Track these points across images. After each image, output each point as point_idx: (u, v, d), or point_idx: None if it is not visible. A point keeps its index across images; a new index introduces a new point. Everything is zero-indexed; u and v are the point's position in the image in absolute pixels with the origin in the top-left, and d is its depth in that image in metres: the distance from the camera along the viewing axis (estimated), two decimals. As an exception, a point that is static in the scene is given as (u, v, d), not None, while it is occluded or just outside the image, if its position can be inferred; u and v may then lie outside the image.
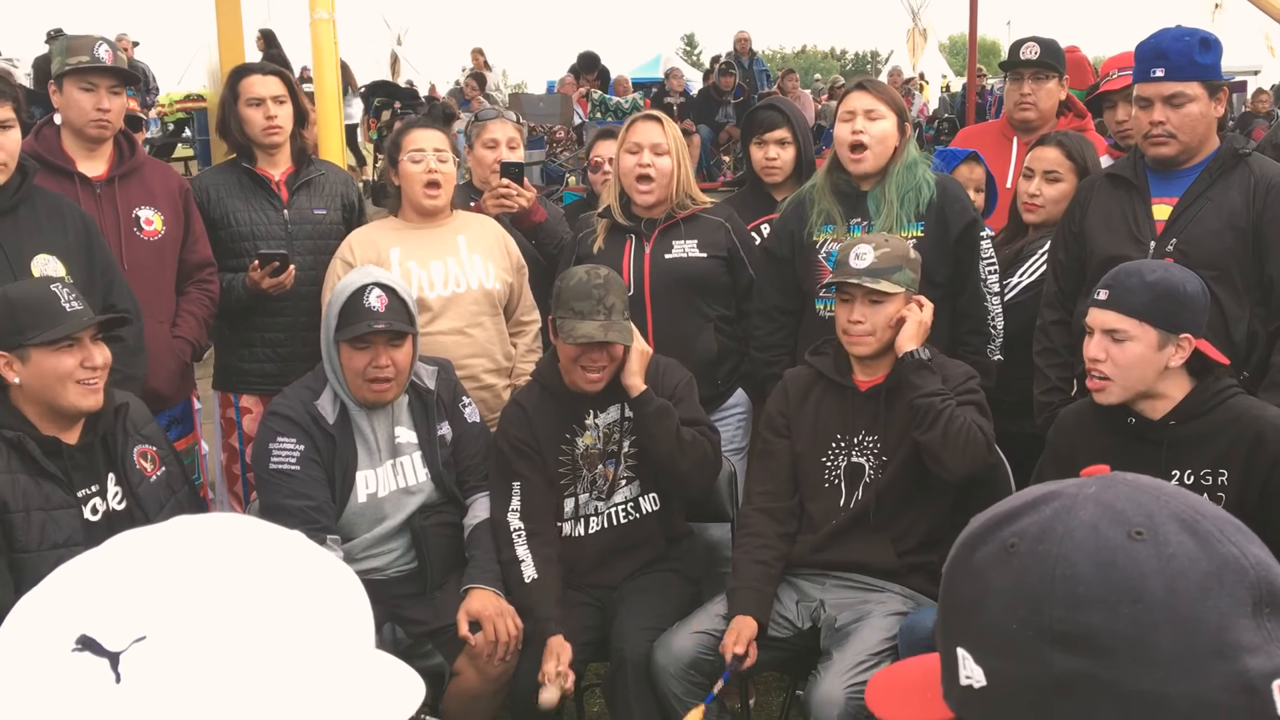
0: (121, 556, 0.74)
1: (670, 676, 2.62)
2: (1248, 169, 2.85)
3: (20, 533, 2.31)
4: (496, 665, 2.71)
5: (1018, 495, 0.80)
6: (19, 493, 2.33)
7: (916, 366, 2.69)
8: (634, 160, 3.25)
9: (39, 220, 2.88)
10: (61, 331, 2.34)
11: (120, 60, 3.25)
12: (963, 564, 0.79)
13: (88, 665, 0.68)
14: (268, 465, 2.75)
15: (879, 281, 2.68)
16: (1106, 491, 0.75)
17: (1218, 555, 0.71)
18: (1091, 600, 0.70)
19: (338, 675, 0.74)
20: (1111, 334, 2.37)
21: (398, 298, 2.77)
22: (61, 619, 0.70)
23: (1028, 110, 3.83)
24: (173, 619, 0.69)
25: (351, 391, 2.79)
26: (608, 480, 2.94)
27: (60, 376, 2.36)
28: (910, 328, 2.72)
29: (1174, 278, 2.37)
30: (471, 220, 3.42)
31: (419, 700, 0.79)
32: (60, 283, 2.43)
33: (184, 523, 0.78)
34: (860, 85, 3.22)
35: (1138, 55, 2.92)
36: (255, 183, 3.50)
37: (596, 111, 12.25)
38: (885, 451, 2.76)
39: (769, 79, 14.56)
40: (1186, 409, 2.40)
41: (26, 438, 2.36)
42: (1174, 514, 0.73)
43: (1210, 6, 17.23)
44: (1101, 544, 0.72)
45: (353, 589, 0.79)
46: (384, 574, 2.86)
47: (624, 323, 2.82)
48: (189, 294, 3.35)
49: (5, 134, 2.79)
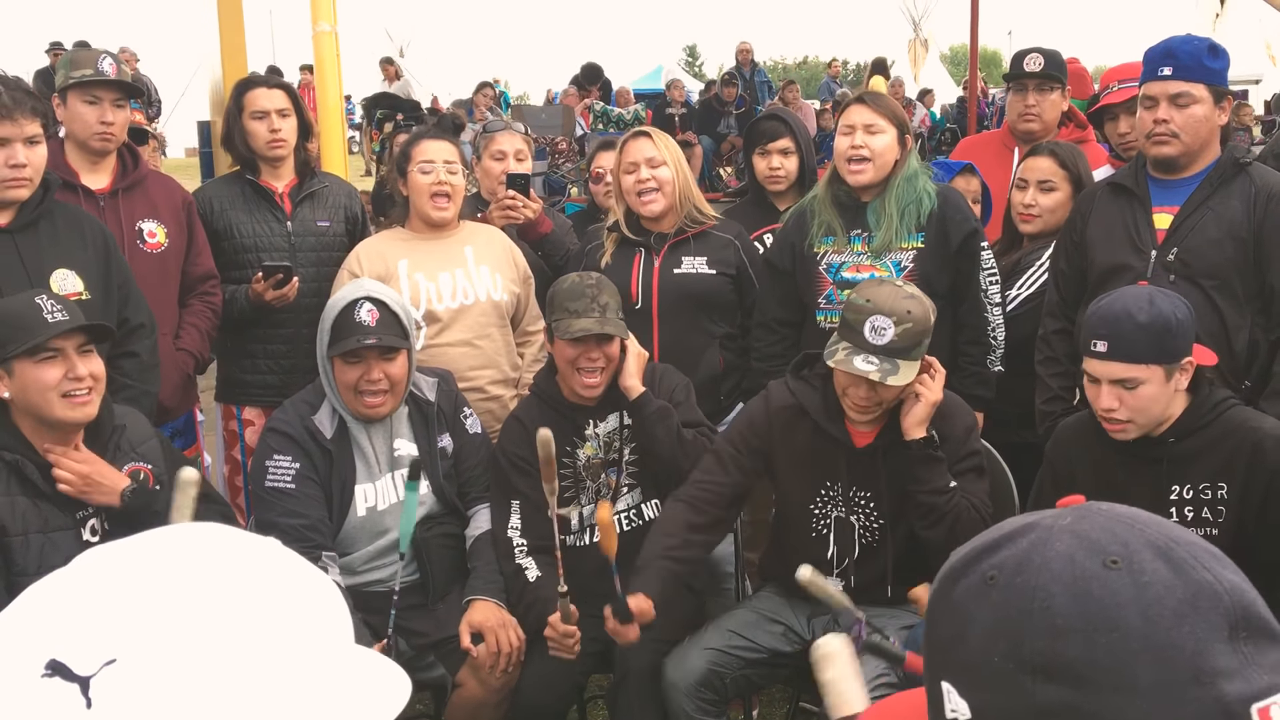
0: (88, 576, 0.72)
1: (681, 694, 2.62)
2: (1248, 179, 2.86)
3: (19, 556, 2.31)
4: (499, 676, 2.71)
5: (996, 528, 0.80)
6: (18, 516, 2.32)
7: (924, 459, 2.55)
8: (632, 179, 3.26)
9: (58, 234, 2.89)
10: (36, 340, 2.31)
11: (124, 74, 3.27)
12: (943, 598, 0.80)
13: (58, 691, 0.66)
14: (264, 482, 2.75)
15: (896, 371, 2.47)
16: (1082, 522, 0.76)
17: (1193, 582, 0.71)
18: (1069, 630, 0.71)
19: (316, 680, 0.73)
20: (1122, 383, 2.34)
21: (389, 311, 2.77)
22: (29, 643, 0.68)
23: (1031, 121, 3.84)
24: (142, 639, 0.68)
25: (346, 405, 2.80)
26: (610, 488, 2.95)
27: (43, 389, 2.33)
28: (921, 411, 2.56)
29: (1163, 311, 2.32)
30: (479, 231, 3.43)
31: (405, 698, 0.78)
32: (45, 294, 2.41)
33: (151, 537, 0.76)
34: (860, 99, 3.21)
35: (1146, 58, 2.92)
36: (259, 195, 3.51)
37: (598, 123, 12.27)
38: (881, 513, 2.67)
39: (771, 90, 14.59)
40: (1185, 425, 2.40)
41: (24, 460, 2.35)
42: (1149, 542, 0.73)
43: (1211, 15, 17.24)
44: (1078, 574, 0.72)
45: (326, 590, 0.78)
46: (386, 586, 2.86)
47: (619, 320, 2.82)
48: (192, 306, 3.36)
49: (33, 150, 2.78)
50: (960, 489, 2.56)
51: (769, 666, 2.75)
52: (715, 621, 2.77)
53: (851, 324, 2.51)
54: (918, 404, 2.56)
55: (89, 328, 2.42)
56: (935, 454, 2.56)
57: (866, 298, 2.51)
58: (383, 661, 0.80)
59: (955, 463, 2.61)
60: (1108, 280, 2.95)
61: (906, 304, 2.48)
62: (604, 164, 4.08)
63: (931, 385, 2.57)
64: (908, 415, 2.57)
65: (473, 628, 2.72)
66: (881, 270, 3.09)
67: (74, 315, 2.39)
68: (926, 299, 2.56)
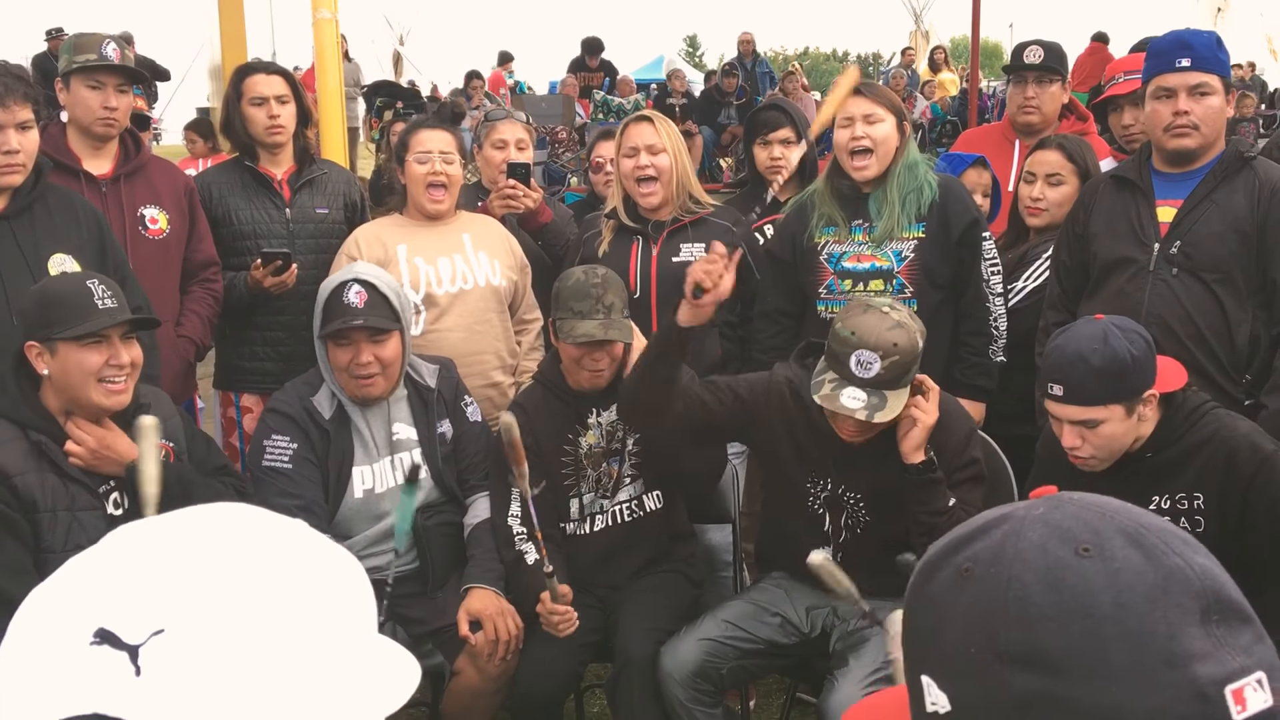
0: (130, 549, 0.75)
1: (676, 684, 2.62)
2: (1253, 172, 2.85)
3: (47, 532, 2.33)
4: (497, 664, 2.71)
5: (970, 521, 0.81)
6: (48, 492, 2.35)
7: (924, 483, 2.54)
8: (632, 163, 3.25)
9: (53, 218, 2.89)
10: (88, 328, 2.34)
11: (128, 59, 3.26)
12: (920, 591, 0.80)
13: (107, 658, 0.69)
14: (261, 462, 2.77)
15: (884, 405, 2.44)
16: (1054, 512, 0.77)
17: (1163, 567, 0.72)
18: (1043, 619, 0.72)
19: (343, 659, 0.76)
20: (1082, 424, 2.33)
21: (378, 293, 2.77)
22: (77, 613, 0.71)
23: (1031, 114, 3.83)
24: (188, 612, 0.71)
25: (341, 387, 2.80)
26: (611, 478, 2.94)
27: (85, 373, 2.36)
28: (918, 435, 2.53)
29: (1117, 351, 2.27)
30: (475, 219, 3.42)
31: (415, 682, 0.80)
32: (97, 279, 2.43)
33: (188, 514, 0.79)
34: (857, 90, 3.20)
35: (1156, 49, 2.90)
36: (258, 181, 3.51)
37: (599, 112, 12.25)
38: (869, 509, 2.68)
39: (772, 80, 14.55)
40: (1160, 440, 2.40)
41: (50, 442, 2.37)
42: (1119, 529, 0.74)
43: (1213, 10, 17.24)
44: (1051, 563, 0.73)
45: (355, 573, 0.81)
46: (384, 573, 2.86)
47: (623, 321, 2.82)
48: (193, 293, 3.35)
49: (25, 135, 2.78)
50: (959, 502, 2.55)
51: (765, 657, 2.75)
52: (711, 612, 2.77)
53: (837, 355, 2.47)
54: (914, 429, 2.53)
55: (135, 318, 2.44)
56: (934, 476, 2.55)
57: (851, 329, 2.45)
58: (395, 647, 0.83)
59: (954, 472, 2.60)
60: (1110, 273, 2.94)
61: (892, 335, 2.42)
62: (604, 153, 4.07)
63: (927, 407, 2.55)
64: (905, 440, 2.54)
65: (471, 615, 2.72)
66: (882, 260, 3.09)
67: (122, 304, 2.42)
68: (914, 322, 2.50)
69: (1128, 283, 2.90)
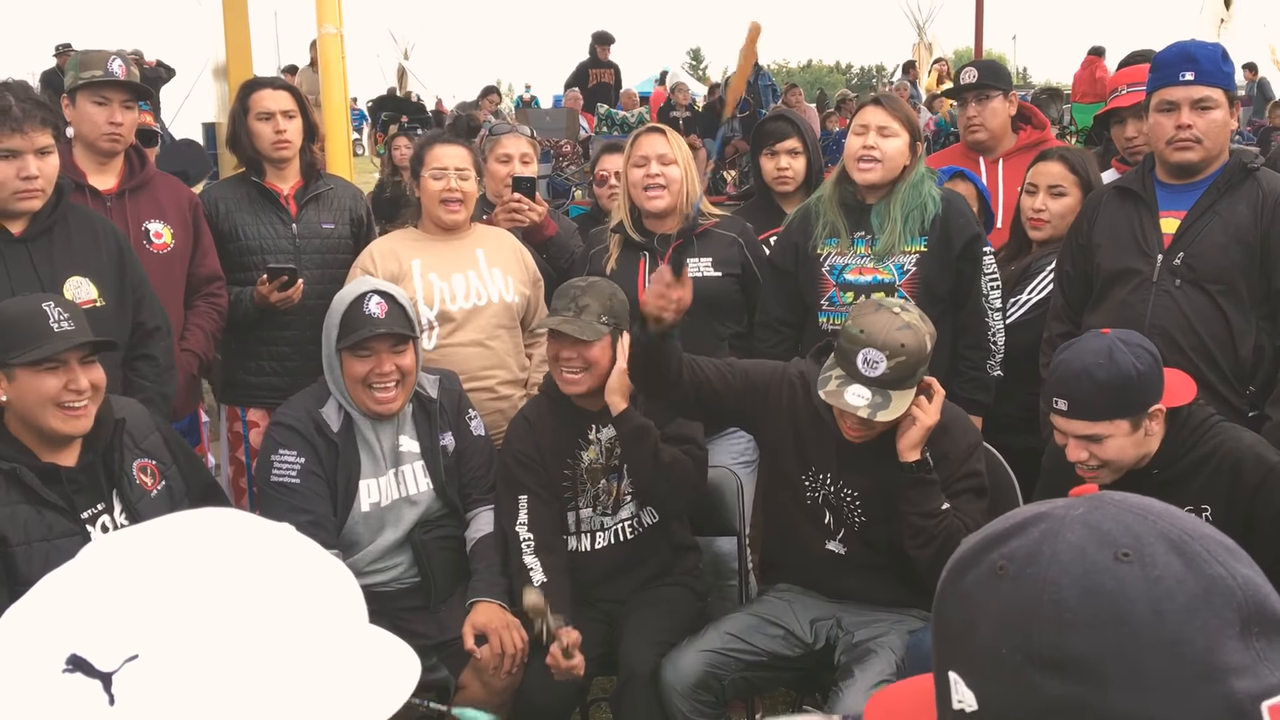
0: (104, 566, 0.72)
1: (678, 695, 2.61)
2: (1256, 183, 2.84)
3: (22, 565, 2.22)
4: (502, 678, 2.71)
5: (1007, 516, 0.79)
6: (19, 525, 2.24)
7: (917, 482, 2.53)
8: (641, 172, 3.26)
9: (72, 240, 2.87)
10: (43, 352, 2.25)
11: (133, 75, 3.28)
12: (952, 587, 0.79)
13: (80, 687, 0.66)
14: (269, 477, 2.76)
15: (887, 405, 2.45)
16: (1094, 512, 0.75)
17: (1205, 576, 0.70)
18: (1078, 624, 0.70)
19: (333, 666, 0.73)
20: (1087, 439, 2.34)
21: (397, 304, 2.79)
22: (48, 637, 0.68)
23: (977, 131, 3.90)
24: (163, 634, 0.67)
25: (355, 401, 2.80)
26: (611, 496, 2.94)
27: (42, 399, 2.27)
28: (915, 434, 2.52)
29: (1122, 366, 2.28)
30: (489, 234, 3.43)
31: (415, 677, 0.78)
32: (53, 301, 2.35)
33: (163, 524, 0.75)
34: (876, 100, 3.20)
35: (1160, 62, 2.90)
36: (264, 197, 3.52)
37: (603, 125, 12.28)
38: (866, 511, 2.67)
39: (775, 94, 14.57)
40: (1166, 456, 2.40)
41: (23, 468, 2.27)
42: (1161, 534, 0.72)
43: (1216, 21, 17.24)
44: (1088, 567, 0.71)
45: (339, 574, 0.78)
46: (388, 588, 2.86)
47: (596, 324, 2.79)
48: (197, 308, 3.36)
49: (44, 160, 2.76)
50: (954, 509, 2.54)
51: (769, 670, 2.74)
52: (714, 624, 2.77)
53: (845, 352, 2.48)
54: (913, 428, 2.53)
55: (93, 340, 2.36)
56: (928, 477, 2.54)
57: (861, 327, 2.47)
58: (393, 641, 0.80)
59: (954, 481, 2.59)
60: (1113, 284, 2.94)
61: (900, 335, 2.44)
62: (608, 167, 4.08)
63: (928, 408, 2.54)
64: (902, 438, 2.54)
65: (476, 629, 2.72)
66: (884, 273, 3.09)
67: (80, 325, 2.34)
68: (924, 324, 2.50)
69: (1131, 294, 2.90)
